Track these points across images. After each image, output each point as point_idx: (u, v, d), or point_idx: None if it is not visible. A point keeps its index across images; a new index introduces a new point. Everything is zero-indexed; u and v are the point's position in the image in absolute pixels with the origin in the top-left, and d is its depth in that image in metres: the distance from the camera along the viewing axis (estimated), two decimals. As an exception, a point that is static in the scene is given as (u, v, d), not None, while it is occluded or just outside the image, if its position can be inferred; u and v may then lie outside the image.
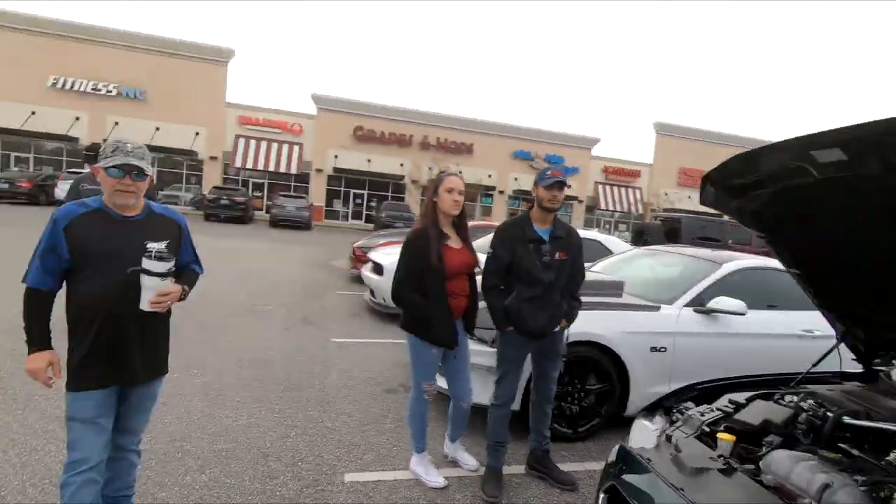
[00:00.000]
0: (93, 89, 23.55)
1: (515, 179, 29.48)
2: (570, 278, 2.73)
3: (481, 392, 3.05)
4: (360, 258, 8.62)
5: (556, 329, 2.70)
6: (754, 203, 1.83)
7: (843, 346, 2.28)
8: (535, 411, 2.88)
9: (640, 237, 11.43)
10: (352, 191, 28.68)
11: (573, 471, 2.98)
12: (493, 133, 29.07)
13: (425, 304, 2.55)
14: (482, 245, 3.46)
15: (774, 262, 4.21)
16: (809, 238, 1.89)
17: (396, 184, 28.55)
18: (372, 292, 6.79)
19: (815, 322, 3.74)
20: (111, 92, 23.73)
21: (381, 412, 3.60)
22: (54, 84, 23.08)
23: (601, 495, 1.76)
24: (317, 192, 27.40)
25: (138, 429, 1.91)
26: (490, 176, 28.51)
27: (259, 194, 27.12)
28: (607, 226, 31.33)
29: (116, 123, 23.67)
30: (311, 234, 20.18)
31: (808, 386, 2.07)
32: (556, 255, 2.63)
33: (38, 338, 1.69)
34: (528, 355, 2.77)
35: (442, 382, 2.97)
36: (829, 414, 1.80)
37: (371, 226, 23.60)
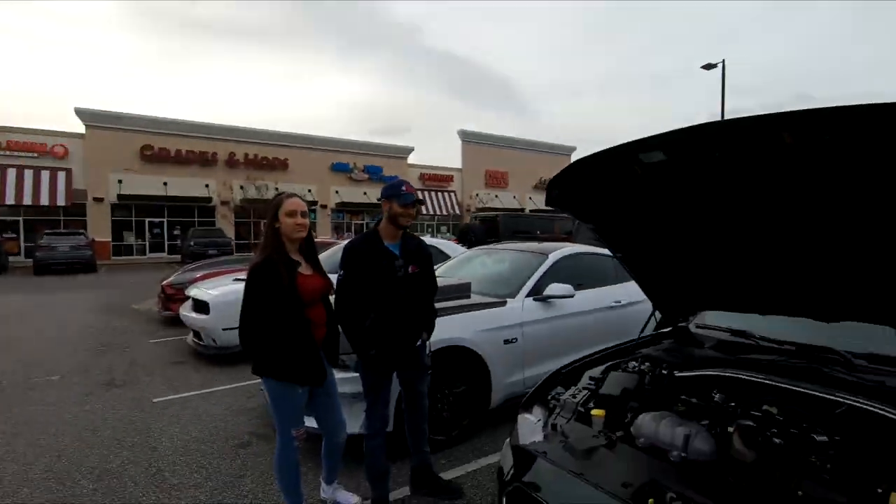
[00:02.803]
0: None
1: (336, 192, 29.02)
2: (424, 290, 2.73)
3: (351, 421, 2.88)
4: (173, 297, 7.42)
5: (419, 343, 2.68)
6: (589, 200, 2.07)
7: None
8: (411, 430, 2.81)
9: (466, 237, 12.28)
10: (147, 219, 24.69)
11: (455, 477, 3.00)
12: (309, 146, 28.17)
13: (285, 341, 2.28)
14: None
15: (584, 248, 4.93)
16: (630, 224, 2.22)
17: (203, 207, 25.53)
18: (197, 334, 5.89)
19: (619, 293, 4.48)
20: None
21: (236, 472, 3.12)
22: None
23: (503, 499, 1.78)
24: (98, 225, 22.86)
25: None
26: (310, 191, 27.49)
27: (13, 235, 21.49)
28: (430, 229, 32.96)
29: None
30: (98, 276, 16.73)
31: (642, 350, 2.43)
32: (410, 269, 2.60)
33: None
34: (393, 375, 2.68)
35: (309, 422, 2.69)
36: (664, 372, 2.14)
37: (177, 257, 20.68)
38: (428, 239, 7.82)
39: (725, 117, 19.22)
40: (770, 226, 1.75)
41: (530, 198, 33.92)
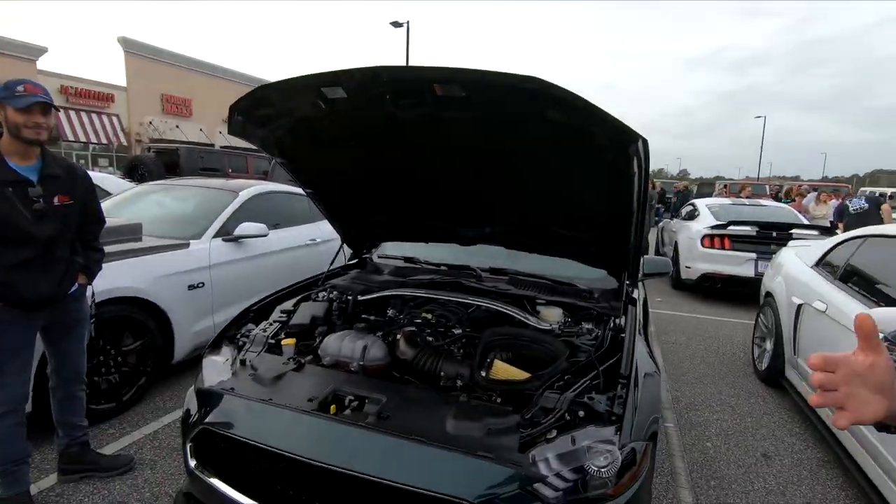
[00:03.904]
0: None
1: None
2: (82, 227, 2.18)
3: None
4: None
5: (74, 289, 2.16)
6: (277, 132, 2.01)
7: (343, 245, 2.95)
8: (61, 400, 2.28)
9: (136, 172, 10.11)
10: None
11: (131, 444, 2.63)
12: None
13: None
14: None
15: (279, 186, 4.81)
16: (319, 162, 2.28)
17: None
18: None
19: (315, 232, 4.63)
20: None
21: None
22: None
23: (188, 445, 1.68)
24: None
25: None
26: None
27: None
28: (83, 161, 25.86)
29: None
30: None
31: (331, 281, 2.61)
32: (56, 200, 2.02)
33: None
34: (34, 335, 2.09)
35: None
36: (349, 297, 2.37)
37: None
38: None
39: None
40: (429, 165, 2.10)
41: (221, 132, 30.40)
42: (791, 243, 4.63)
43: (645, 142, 1.51)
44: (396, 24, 20.45)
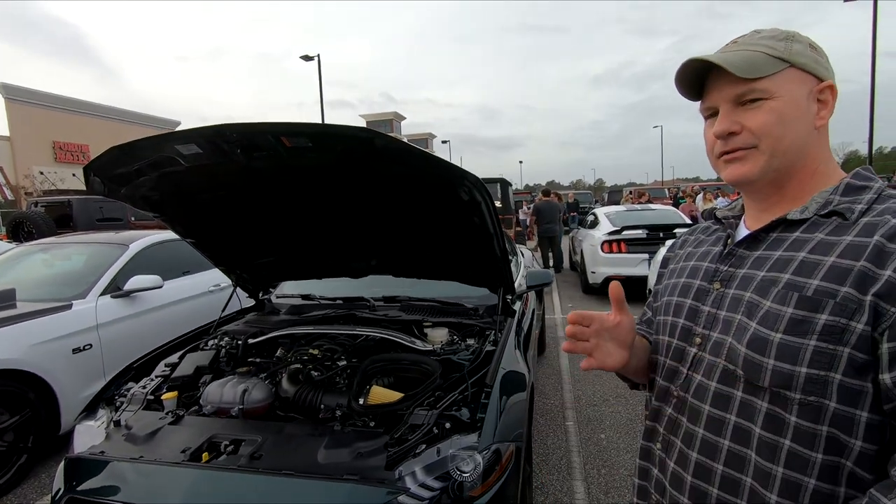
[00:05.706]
0: None
1: None
2: None
3: None
4: None
5: None
6: (141, 189, 2.03)
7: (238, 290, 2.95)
8: None
9: (21, 230, 9.26)
10: None
11: (9, 529, 2.43)
12: None
13: None
14: None
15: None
16: (194, 213, 2.30)
17: None
18: None
19: (218, 277, 4.52)
20: None
21: None
22: None
23: (57, 519, 1.62)
24: None
25: None
26: None
27: None
28: (-39, 221, 23.08)
29: None
30: None
31: (224, 327, 2.60)
32: None
33: None
34: None
35: None
36: (239, 342, 2.38)
37: None
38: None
39: (324, 108, 21.53)
40: (300, 208, 2.20)
41: (125, 178, 28.45)
42: (668, 242, 5.16)
43: (476, 178, 1.71)
44: (307, 58, 20.46)
